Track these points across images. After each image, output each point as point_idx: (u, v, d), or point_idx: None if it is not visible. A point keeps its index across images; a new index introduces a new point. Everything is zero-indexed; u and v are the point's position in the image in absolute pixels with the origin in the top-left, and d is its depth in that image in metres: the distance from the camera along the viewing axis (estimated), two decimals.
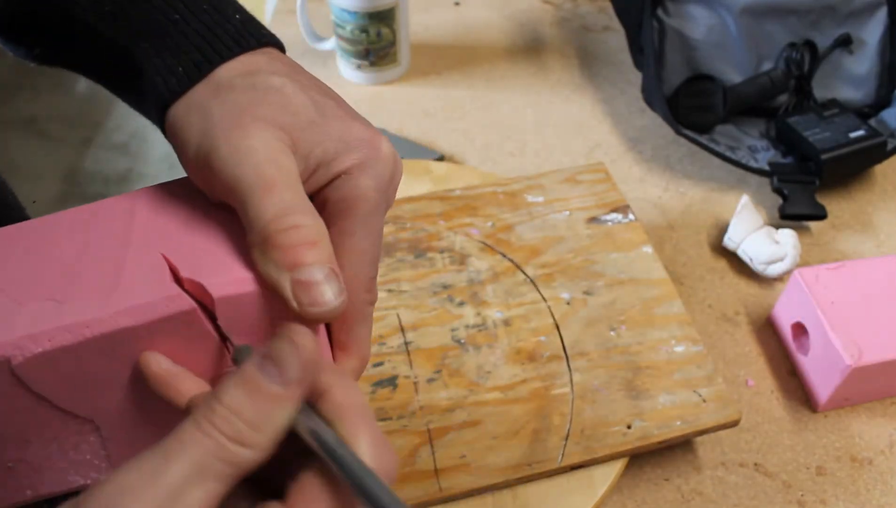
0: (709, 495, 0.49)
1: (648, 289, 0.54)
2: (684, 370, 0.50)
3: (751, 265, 0.60)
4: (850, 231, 0.65)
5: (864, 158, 0.66)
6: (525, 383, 0.49)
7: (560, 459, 0.46)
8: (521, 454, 0.46)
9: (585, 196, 0.61)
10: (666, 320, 0.52)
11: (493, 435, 0.47)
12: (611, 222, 0.59)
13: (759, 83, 0.70)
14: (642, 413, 0.48)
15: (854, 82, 0.71)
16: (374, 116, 0.75)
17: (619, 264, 0.56)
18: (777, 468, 0.50)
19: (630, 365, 0.50)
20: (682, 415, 0.48)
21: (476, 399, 0.48)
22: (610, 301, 0.54)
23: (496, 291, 0.54)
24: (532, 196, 0.61)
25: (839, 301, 0.52)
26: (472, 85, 0.80)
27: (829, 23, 0.70)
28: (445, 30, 0.87)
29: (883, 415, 0.53)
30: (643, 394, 0.49)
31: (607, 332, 0.52)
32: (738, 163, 0.66)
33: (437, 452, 0.46)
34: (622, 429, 0.47)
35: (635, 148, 0.73)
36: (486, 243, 0.57)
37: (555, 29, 0.87)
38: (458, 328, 0.52)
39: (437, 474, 0.45)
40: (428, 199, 0.60)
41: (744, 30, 0.70)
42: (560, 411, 0.48)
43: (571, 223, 0.59)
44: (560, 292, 0.54)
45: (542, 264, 0.56)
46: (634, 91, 0.78)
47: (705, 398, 0.48)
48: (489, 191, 0.61)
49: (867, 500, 0.49)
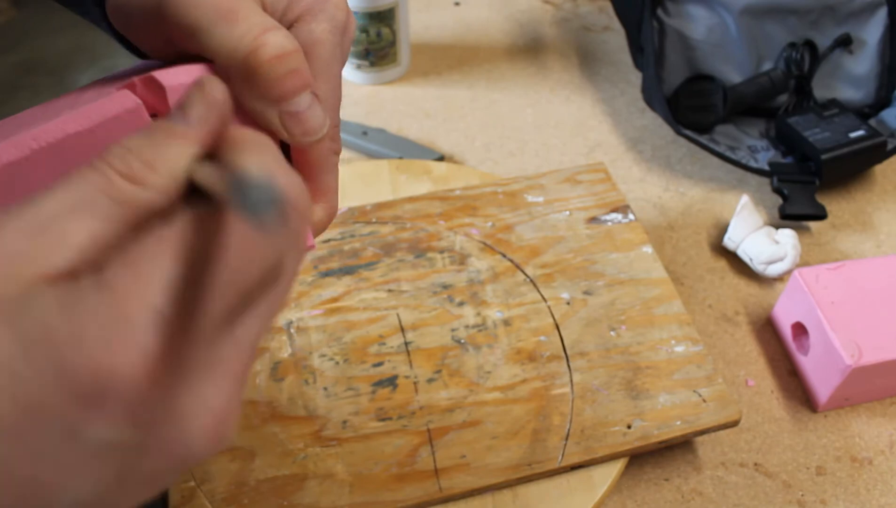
0: (709, 495, 0.49)
1: (648, 289, 0.54)
2: (684, 370, 0.50)
3: (751, 265, 0.60)
4: (850, 231, 0.65)
5: (864, 158, 0.66)
6: (525, 383, 0.49)
7: (560, 459, 0.46)
8: (521, 454, 0.46)
9: (585, 196, 0.61)
10: (666, 320, 0.52)
11: (493, 435, 0.47)
12: (611, 222, 0.59)
13: (759, 83, 0.70)
14: (642, 413, 0.48)
15: (854, 82, 0.71)
16: (374, 116, 0.75)
17: (619, 264, 0.56)
18: (777, 468, 0.50)
19: (630, 365, 0.50)
20: (682, 415, 0.48)
21: (476, 399, 0.48)
22: (610, 301, 0.54)
23: (496, 291, 0.54)
24: (532, 196, 0.61)
25: (839, 301, 0.52)
26: (472, 85, 0.80)
27: (829, 23, 0.70)
28: (445, 30, 0.87)
29: (883, 415, 0.53)
30: (643, 394, 0.49)
31: (607, 332, 0.52)
32: (738, 163, 0.66)
33: (437, 452, 0.46)
34: (622, 429, 0.47)
35: (635, 148, 0.73)
36: (486, 243, 0.57)
37: (555, 29, 0.87)
38: (458, 328, 0.52)
39: (437, 474, 0.45)
40: (428, 199, 0.60)
41: (744, 30, 0.70)
42: (560, 411, 0.48)
43: (571, 223, 0.59)
44: (560, 292, 0.54)
45: (542, 264, 0.56)
46: (634, 91, 0.78)
47: (705, 398, 0.48)
48: (489, 191, 0.61)
49: (867, 500, 0.49)
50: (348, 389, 0.49)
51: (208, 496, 0.44)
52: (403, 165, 0.66)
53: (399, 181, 0.65)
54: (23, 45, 0.91)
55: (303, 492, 0.44)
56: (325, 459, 0.46)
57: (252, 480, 0.45)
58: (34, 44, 1.00)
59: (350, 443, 0.46)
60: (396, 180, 0.65)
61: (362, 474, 0.45)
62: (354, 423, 0.47)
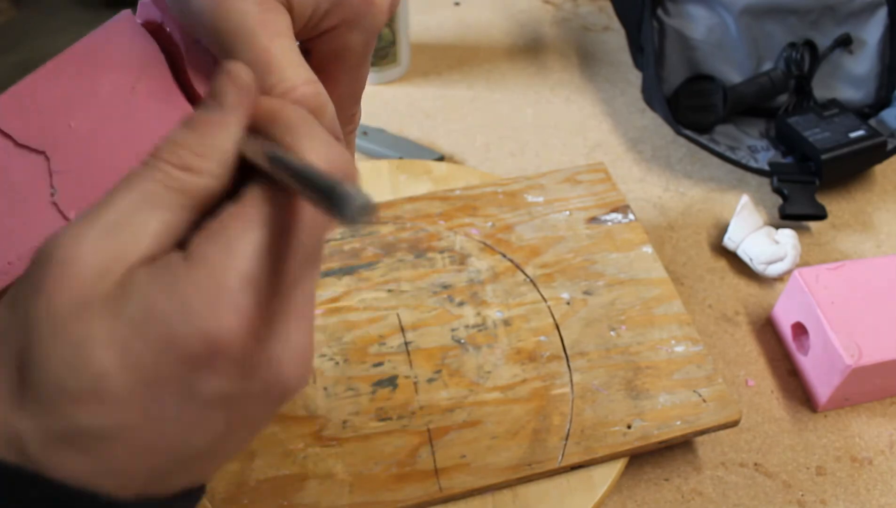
0: (709, 495, 0.49)
1: (648, 289, 0.54)
2: (684, 370, 0.50)
3: (751, 265, 0.60)
4: (850, 231, 0.65)
5: (864, 158, 0.66)
6: (525, 383, 0.49)
7: (560, 459, 0.46)
8: (521, 454, 0.46)
9: (585, 196, 0.61)
10: (666, 320, 0.52)
11: (493, 435, 0.47)
12: (611, 222, 0.59)
13: (759, 83, 0.70)
14: (642, 413, 0.48)
15: (854, 82, 0.71)
16: (374, 116, 0.75)
17: (619, 264, 0.56)
18: (777, 468, 0.50)
19: (630, 365, 0.50)
20: (682, 415, 0.47)
21: (476, 399, 0.48)
22: (610, 301, 0.54)
23: (496, 291, 0.54)
24: (532, 196, 0.61)
25: (839, 301, 0.52)
26: (472, 85, 0.80)
27: (829, 23, 0.70)
28: (445, 30, 0.87)
29: (883, 415, 0.53)
30: (643, 394, 0.49)
31: (607, 332, 0.52)
32: (738, 163, 0.66)
33: (437, 452, 0.46)
34: (622, 429, 0.47)
35: (635, 148, 0.73)
36: (486, 243, 0.58)
37: (555, 29, 0.87)
38: (458, 328, 0.52)
39: (437, 474, 0.45)
40: (428, 199, 0.60)
41: (744, 30, 0.70)
42: (560, 411, 0.48)
43: (571, 223, 0.59)
44: (560, 292, 0.54)
45: (542, 264, 0.56)
46: (634, 91, 0.78)
47: (705, 398, 0.48)
48: (489, 191, 0.61)
49: (867, 500, 0.49)
50: (348, 389, 0.49)
51: (208, 496, 0.44)
52: (403, 165, 0.66)
53: (399, 181, 0.65)
54: (23, 45, 0.91)
55: (303, 492, 0.44)
56: (325, 459, 0.46)
57: (252, 480, 0.45)
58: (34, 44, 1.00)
59: (350, 443, 0.46)
60: (396, 180, 0.65)
61: (362, 474, 0.45)
62: (354, 423, 0.47)
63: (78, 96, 0.27)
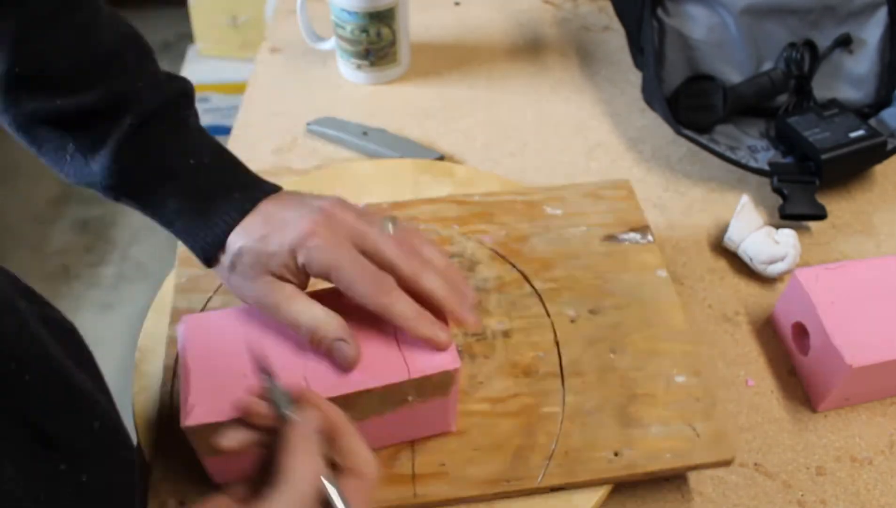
0: (709, 495, 0.49)
1: (657, 314, 0.53)
2: (682, 401, 0.48)
3: (751, 265, 0.60)
4: (850, 231, 0.65)
5: (864, 158, 0.66)
6: (516, 397, 0.49)
7: (540, 478, 0.45)
8: (502, 468, 0.45)
9: (605, 213, 0.59)
10: (670, 347, 0.51)
11: (476, 446, 0.46)
12: (628, 241, 0.58)
13: (759, 83, 0.70)
14: (632, 442, 0.46)
15: (854, 82, 0.71)
16: (374, 116, 0.75)
17: (630, 286, 0.55)
18: (777, 468, 0.50)
19: (626, 391, 0.49)
20: (672, 448, 0.46)
21: (463, 409, 0.48)
22: (615, 323, 0.53)
23: (501, 301, 0.54)
24: (551, 208, 0.60)
25: (839, 301, 0.52)
26: (472, 85, 0.80)
27: (829, 23, 0.70)
28: (445, 30, 0.87)
29: (883, 415, 0.53)
30: (635, 422, 0.47)
31: (607, 353, 0.51)
32: (738, 163, 0.66)
33: (416, 457, 0.46)
34: (608, 455, 0.46)
35: (635, 148, 0.73)
36: (497, 251, 0.57)
37: (555, 29, 0.87)
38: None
39: (413, 479, 0.45)
40: (446, 202, 0.60)
41: (744, 30, 0.70)
42: (547, 430, 0.47)
43: (587, 240, 0.58)
44: (565, 308, 0.53)
45: (552, 278, 0.55)
46: (634, 91, 0.78)
47: (699, 433, 0.47)
48: (508, 199, 0.60)
49: (867, 500, 0.49)
50: None
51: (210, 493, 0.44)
52: (427, 166, 0.66)
53: (421, 182, 0.64)
54: None
55: None
56: None
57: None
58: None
59: None
60: (418, 181, 0.65)
61: None
62: None
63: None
